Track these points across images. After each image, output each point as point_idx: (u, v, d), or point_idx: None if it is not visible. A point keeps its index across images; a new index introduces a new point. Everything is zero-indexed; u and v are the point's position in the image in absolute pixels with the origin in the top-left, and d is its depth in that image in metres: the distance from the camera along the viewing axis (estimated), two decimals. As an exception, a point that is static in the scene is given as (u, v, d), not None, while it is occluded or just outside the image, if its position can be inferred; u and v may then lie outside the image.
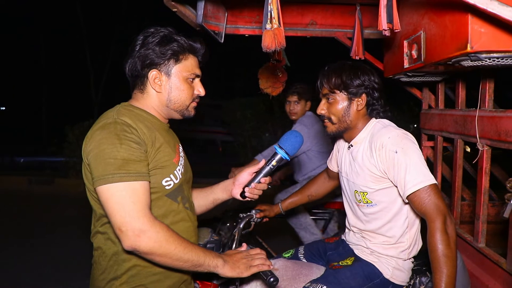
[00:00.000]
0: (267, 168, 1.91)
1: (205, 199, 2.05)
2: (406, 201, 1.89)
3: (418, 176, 1.81)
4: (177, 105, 1.73)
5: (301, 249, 2.41)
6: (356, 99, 2.02)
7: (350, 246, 2.21)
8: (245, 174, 1.98)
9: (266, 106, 9.95)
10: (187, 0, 2.18)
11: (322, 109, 2.07)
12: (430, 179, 1.82)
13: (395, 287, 2.04)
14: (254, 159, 3.85)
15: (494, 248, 2.40)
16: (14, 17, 18.48)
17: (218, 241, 2.21)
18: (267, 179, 1.93)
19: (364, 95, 2.02)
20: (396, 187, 1.92)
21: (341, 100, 2.03)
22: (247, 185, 1.93)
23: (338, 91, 2.02)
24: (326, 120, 2.08)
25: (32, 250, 5.16)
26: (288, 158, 1.91)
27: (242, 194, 1.94)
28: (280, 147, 1.90)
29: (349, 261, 2.10)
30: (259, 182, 1.92)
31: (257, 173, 1.93)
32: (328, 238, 2.44)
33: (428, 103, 3.28)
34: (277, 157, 1.90)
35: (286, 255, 2.38)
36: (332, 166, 2.47)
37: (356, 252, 2.14)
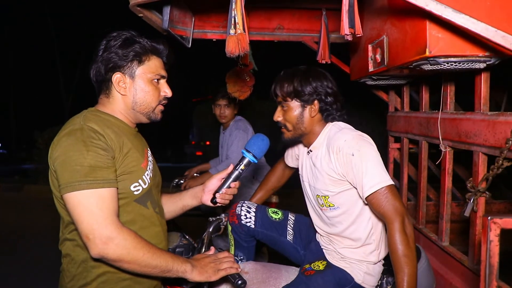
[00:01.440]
0: (236, 173, 1.93)
1: (174, 205, 2.05)
2: (366, 202, 1.92)
3: (375, 177, 1.84)
4: (143, 107, 1.73)
5: (291, 221, 2.39)
6: (308, 106, 2.03)
7: (322, 248, 2.23)
8: (214, 181, 2.00)
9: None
10: (153, 5, 2.17)
11: (278, 116, 2.09)
12: (387, 180, 1.84)
13: None
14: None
15: (458, 246, 2.47)
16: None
17: (187, 245, 2.20)
18: (237, 183, 1.95)
19: (316, 101, 2.03)
20: (356, 188, 1.95)
21: (294, 108, 2.04)
22: (217, 191, 1.94)
23: (290, 99, 2.03)
24: (283, 127, 2.09)
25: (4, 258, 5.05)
26: (256, 161, 1.93)
27: (213, 200, 1.96)
28: (248, 151, 1.92)
29: (321, 265, 2.10)
30: (229, 187, 1.94)
31: (226, 178, 1.95)
32: None
33: (394, 105, 3.35)
34: (245, 161, 1.92)
35: (275, 216, 2.36)
36: (288, 161, 2.51)
37: (328, 257, 2.15)
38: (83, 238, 1.47)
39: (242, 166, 1.92)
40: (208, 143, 16.24)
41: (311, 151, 2.12)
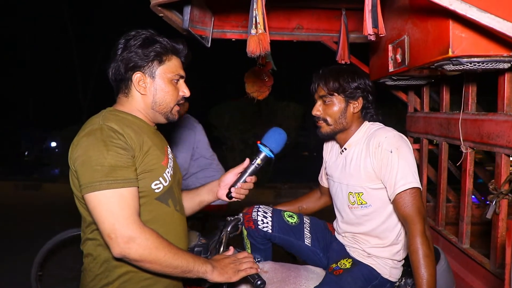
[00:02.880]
0: (252, 167, 1.92)
1: (191, 201, 2.05)
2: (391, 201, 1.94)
3: (408, 177, 1.88)
4: (162, 107, 1.73)
5: (307, 224, 2.38)
6: (352, 102, 2.09)
7: (345, 246, 2.24)
8: (231, 175, 1.99)
9: (253, 110, 9.94)
10: (173, 5, 2.18)
11: (317, 110, 2.12)
12: (418, 183, 1.89)
13: (392, 284, 2.11)
14: None
15: (478, 249, 2.43)
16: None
17: (206, 244, 2.21)
18: (253, 178, 1.94)
19: (360, 98, 2.09)
20: (386, 187, 1.97)
21: (338, 103, 2.08)
22: (233, 185, 1.93)
23: (337, 94, 2.07)
24: (321, 121, 2.12)
25: (16, 257, 5.07)
26: (272, 156, 1.92)
27: (228, 194, 1.95)
28: (264, 145, 1.91)
29: (347, 264, 2.12)
30: (245, 181, 1.92)
31: (242, 173, 1.94)
32: (330, 224, 2.43)
33: (413, 106, 3.32)
34: (262, 155, 1.91)
35: (291, 220, 2.35)
36: (324, 182, 2.50)
37: (353, 255, 2.17)
38: (105, 237, 1.48)
39: (258, 161, 1.91)
40: None
41: (345, 149, 2.15)
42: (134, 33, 1.70)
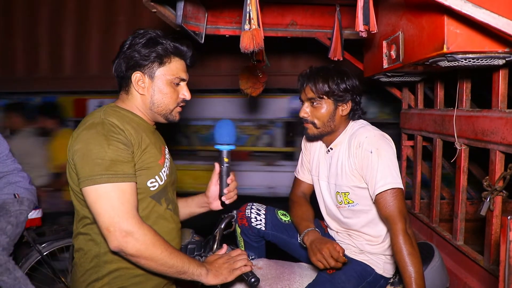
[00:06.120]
0: (224, 169, 1.91)
1: (181, 210, 2.04)
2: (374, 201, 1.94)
3: (388, 177, 1.87)
4: (160, 108, 1.72)
5: None
6: (341, 105, 2.04)
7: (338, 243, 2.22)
8: (212, 187, 1.99)
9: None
10: (166, 0, 2.16)
11: (305, 112, 2.07)
12: (398, 183, 1.88)
13: (386, 279, 2.10)
14: None
15: (472, 245, 2.43)
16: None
17: (199, 241, 2.19)
18: (231, 177, 1.93)
19: (350, 101, 2.05)
20: (368, 187, 1.97)
21: (327, 106, 2.04)
22: (221, 194, 1.93)
23: (326, 97, 2.02)
24: (309, 123, 2.08)
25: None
26: (233, 147, 1.90)
27: (222, 203, 1.96)
28: (221, 144, 1.89)
29: None
30: (227, 185, 1.92)
31: (220, 179, 1.93)
32: (322, 221, 2.39)
33: (407, 103, 3.31)
34: (225, 154, 1.89)
35: (285, 218, 2.34)
36: (307, 178, 2.39)
37: (346, 252, 2.13)
38: (103, 231, 1.48)
39: (225, 159, 1.90)
40: None
41: (331, 149, 2.13)
42: (142, 32, 1.69)
